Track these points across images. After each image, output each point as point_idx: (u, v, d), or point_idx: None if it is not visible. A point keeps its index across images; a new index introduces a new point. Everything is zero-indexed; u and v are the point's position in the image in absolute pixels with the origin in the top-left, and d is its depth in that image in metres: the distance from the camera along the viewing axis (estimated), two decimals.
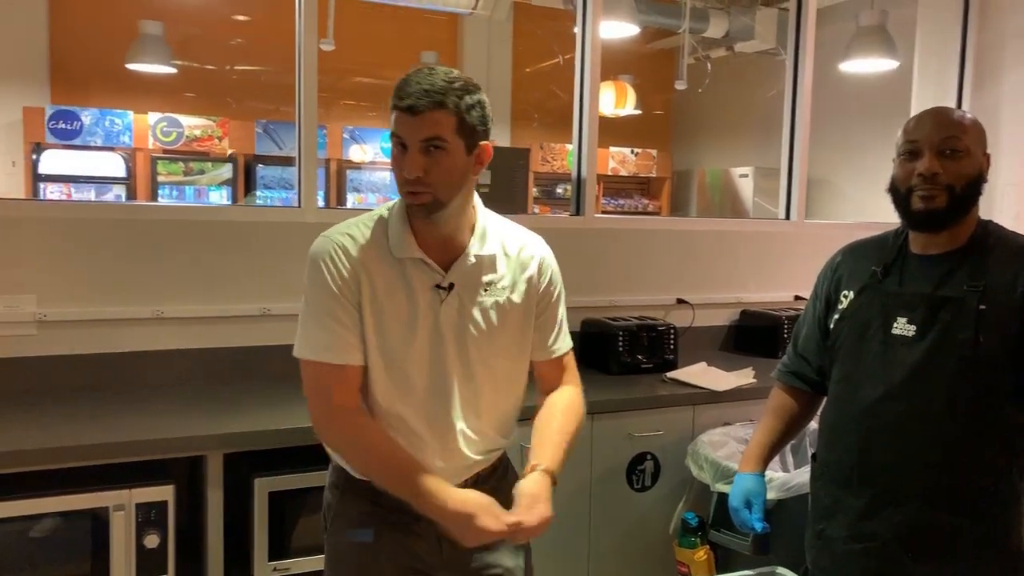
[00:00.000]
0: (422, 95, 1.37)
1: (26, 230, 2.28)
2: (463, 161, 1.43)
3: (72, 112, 5.46)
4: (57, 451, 1.82)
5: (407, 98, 1.38)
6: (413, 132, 1.39)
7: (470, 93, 1.42)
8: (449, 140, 1.39)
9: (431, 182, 1.40)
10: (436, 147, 1.39)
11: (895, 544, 1.56)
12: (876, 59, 4.70)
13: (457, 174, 1.42)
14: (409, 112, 1.37)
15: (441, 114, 1.38)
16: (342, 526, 1.57)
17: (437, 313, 1.48)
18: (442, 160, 1.40)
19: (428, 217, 1.44)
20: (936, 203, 1.55)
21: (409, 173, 1.39)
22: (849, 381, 1.66)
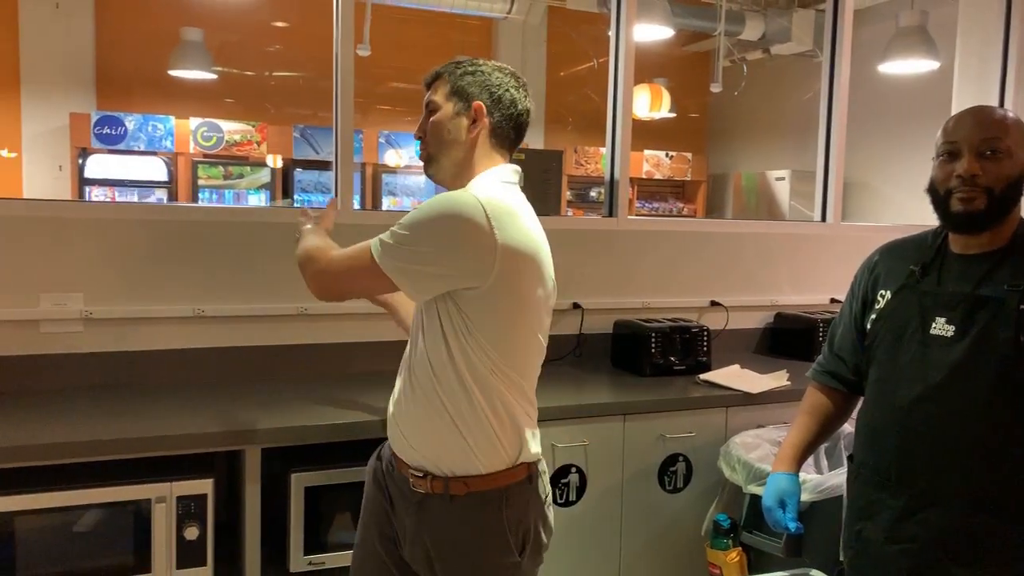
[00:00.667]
0: (432, 74, 1.68)
1: (73, 231, 2.35)
2: (450, 119, 1.62)
3: (116, 118, 5.61)
4: (101, 444, 1.88)
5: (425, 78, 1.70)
6: (423, 103, 1.69)
7: (462, 64, 1.66)
8: (440, 102, 1.64)
9: (426, 140, 1.66)
10: (431, 110, 1.65)
11: (934, 546, 1.54)
12: (916, 60, 4.64)
13: (445, 130, 1.62)
14: (425, 87, 1.69)
15: (439, 83, 1.66)
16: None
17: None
18: (432, 119, 1.64)
19: (431, 173, 1.67)
20: (975, 205, 1.53)
21: (416, 133, 1.69)
22: (887, 381, 1.65)
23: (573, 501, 2.37)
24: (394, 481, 1.66)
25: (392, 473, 1.66)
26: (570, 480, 2.36)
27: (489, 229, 1.44)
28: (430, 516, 1.57)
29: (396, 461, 1.65)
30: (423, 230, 1.48)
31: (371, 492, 1.74)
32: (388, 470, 1.69)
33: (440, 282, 1.49)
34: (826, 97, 3.45)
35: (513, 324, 1.53)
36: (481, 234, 1.44)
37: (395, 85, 6.59)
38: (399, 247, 1.49)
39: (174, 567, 1.98)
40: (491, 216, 1.45)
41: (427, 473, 1.57)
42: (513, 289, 1.50)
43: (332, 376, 2.56)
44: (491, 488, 1.55)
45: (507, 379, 1.54)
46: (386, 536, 1.68)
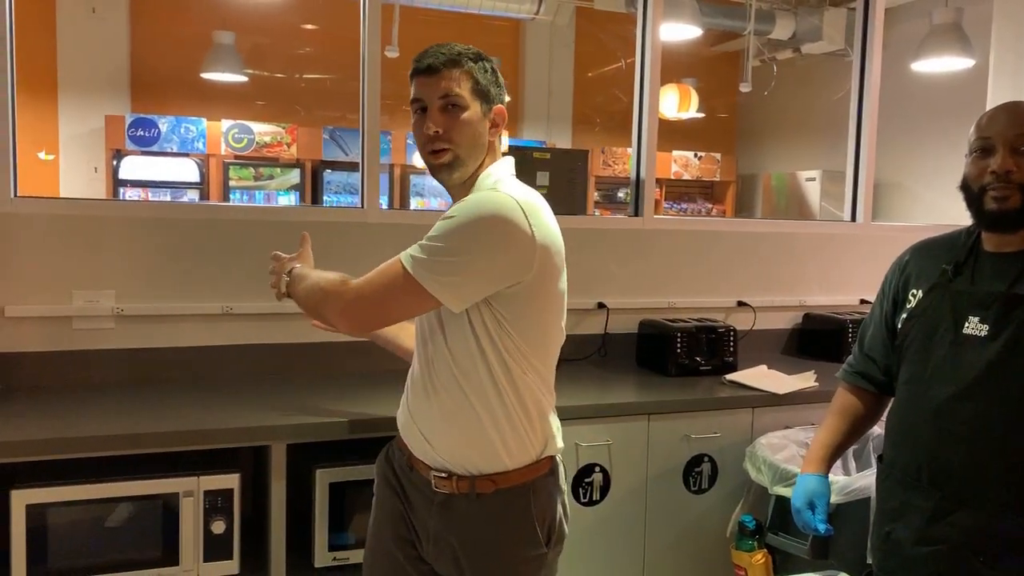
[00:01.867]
0: (439, 56, 1.49)
1: (106, 229, 2.40)
2: (480, 122, 1.51)
3: (150, 120, 5.72)
4: (130, 438, 1.91)
5: (425, 59, 1.49)
6: (432, 91, 1.49)
7: (483, 59, 1.53)
8: (467, 99, 1.49)
9: (452, 139, 1.49)
10: (455, 105, 1.49)
11: (965, 548, 1.51)
12: (951, 58, 4.56)
13: (476, 133, 1.50)
14: (428, 72, 1.49)
15: (457, 72, 1.49)
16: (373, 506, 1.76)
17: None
18: (458, 116, 1.48)
19: (450, 177, 1.52)
20: (1010, 203, 1.51)
21: (428, 129, 1.47)
22: (918, 381, 1.62)
23: (597, 501, 2.37)
24: (412, 482, 1.63)
25: (409, 474, 1.64)
26: (594, 479, 2.35)
27: (528, 228, 1.45)
28: (456, 516, 1.56)
29: (414, 463, 1.62)
30: (465, 238, 1.43)
31: (383, 494, 1.72)
32: (403, 472, 1.66)
33: (485, 288, 1.46)
34: (856, 96, 3.41)
35: (544, 317, 1.54)
36: (523, 234, 1.44)
37: None
38: (437, 260, 1.43)
39: (201, 560, 2.01)
40: (528, 214, 1.45)
41: (451, 473, 1.55)
42: (546, 283, 1.51)
43: (356, 373, 2.57)
44: (518, 484, 1.55)
45: (536, 372, 1.54)
46: (402, 537, 1.65)
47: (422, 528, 1.63)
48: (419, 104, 1.52)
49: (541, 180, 3.07)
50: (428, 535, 1.61)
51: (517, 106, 7.10)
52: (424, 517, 1.61)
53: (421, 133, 1.51)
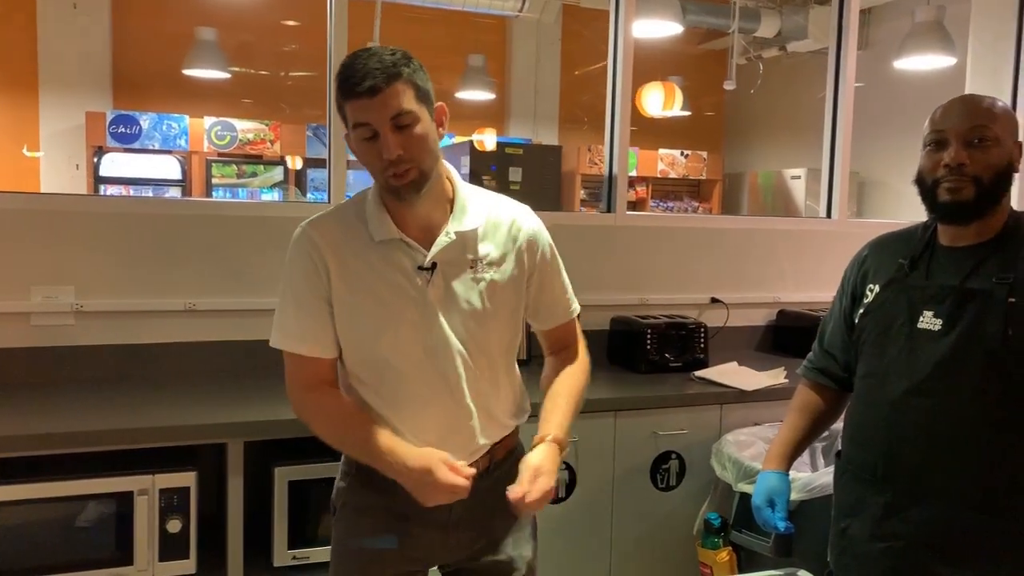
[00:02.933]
0: (377, 74, 1.34)
1: (66, 224, 2.38)
2: (431, 128, 1.42)
3: (132, 117, 5.68)
4: (83, 435, 1.89)
5: (364, 81, 1.34)
6: (381, 113, 1.35)
7: (410, 60, 1.41)
8: (416, 111, 1.38)
9: (412, 156, 1.38)
10: (407, 124, 1.37)
11: (918, 544, 1.51)
12: (932, 55, 4.55)
13: (432, 142, 1.42)
14: (370, 94, 1.34)
15: (399, 86, 1.36)
16: (349, 515, 1.58)
17: (425, 295, 1.46)
18: (412, 132, 1.38)
19: (418, 194, 1.41)
20: (963, 195, 1.50)
21: (389, 154, 1.36)
22: (874, 376, 1.61)
23: (562, 498, 2.35)
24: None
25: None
26: (559, 477, 2.33)
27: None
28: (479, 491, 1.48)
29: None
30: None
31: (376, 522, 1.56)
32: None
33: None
34: (832, 93, 3.40)
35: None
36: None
37: None
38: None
39: (156, 560, 1.99)
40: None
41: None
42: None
43: None
44: (516, 441, 1.65)
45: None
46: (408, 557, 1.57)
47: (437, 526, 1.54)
48: (367, 129, 1.37)
49: (514, 176, 3.06)
50: (448, 525, 1.53)
51: (504, 104, 7.08)
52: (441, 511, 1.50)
53: (377, 158, 1.38)
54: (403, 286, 1.45)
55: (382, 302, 1.46)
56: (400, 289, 1.46)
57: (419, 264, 1.45)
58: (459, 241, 1.48)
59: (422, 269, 1.45)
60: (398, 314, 1.46)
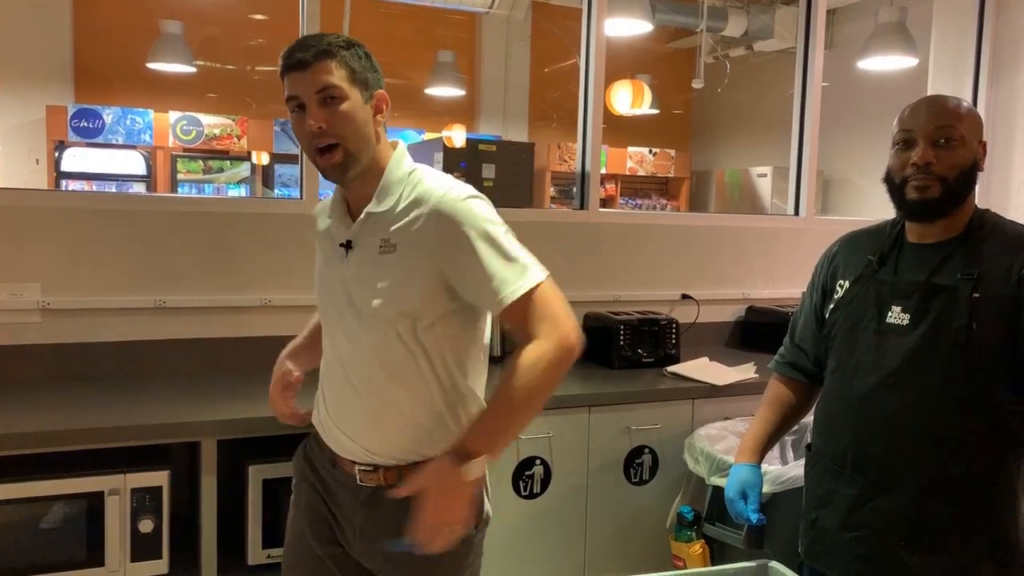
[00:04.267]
0: (308, 48, 1.40)
1: (31, 220, 2.33)
2: (362, 109, 1.44)
3: (94, 111, 5.57)
4: (52, 435, 1.85)
5: (294, 53, 1.40)
6: (307, 86, 1.39)
7: (354, 46, 1.45)
8: (345, 88, 1.40)
9: (338, 133, 1.40)
10: (333, 97, 1.40)
11: (887, 533, 1.54)
12: (895, 56, 4.64)
13: (360, 123, 1.42)
14: (300, 67, 1.39)
15: (331, 63, 1.40)
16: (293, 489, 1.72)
17: (340, 272, 1.51)
18: (338, 108, 1.40)
19: (345, 176, 1.43)
20: (930, 193, 1.54)
21: (311, 126, 1.39)
22: (843, 371, 1.65)
23: (537, 493, 2.36)
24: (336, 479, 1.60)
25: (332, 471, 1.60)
26: (534, 472, 2.35)
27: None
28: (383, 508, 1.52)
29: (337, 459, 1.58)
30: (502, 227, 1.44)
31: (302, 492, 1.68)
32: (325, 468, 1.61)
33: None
34: (799, 92, 3.46)
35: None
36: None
37: None
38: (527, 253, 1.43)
39: (128, 560, 1.96)
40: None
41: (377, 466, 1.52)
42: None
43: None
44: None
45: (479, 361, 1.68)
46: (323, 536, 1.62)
47: (348, 524, 1.59)
48: (295, 102, 1.41)
49: (487, 173, 3.06)
50: (355, 530, 1.58)
51: (474, 101, 7.07)
52: (351, 513, 1.58)
53: (304, 132, 1.41)
54: (332, 259, 1.54)
55: (319, 270, 1.60)
56: (329, 262, 1.55)
57: (340, 241, 1.50)
58: (373, 221, 1.45)
59: (341, 246, 1.50)
60: (326, 284, 1.56)
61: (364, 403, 1.51)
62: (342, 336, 1.51)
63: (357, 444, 1.53)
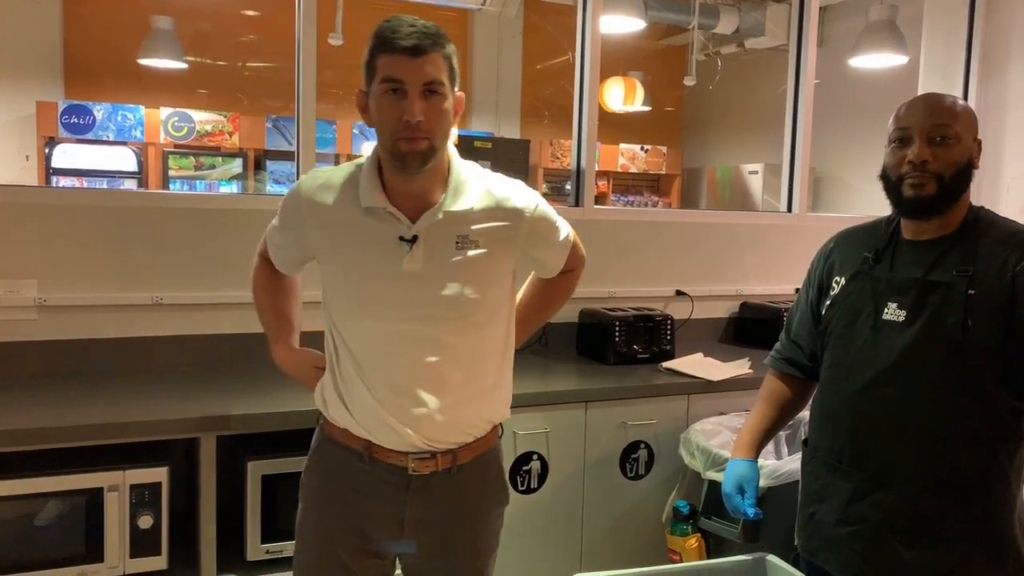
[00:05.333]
0: (423, 36, 1.36)
1: (28, 216, 2.32)
2: (451, 110, 1.44)
3: (85, 107, 5.53)
4: (50, 431, 1.85)
5: (407, 39, 1.35)
6: (415, 74, 1.36)
7: (449, 41, 1.43)
8: (447, 86, 1.40)
9: (431, 128, 1.39)
10: (433, 91, 1.38)
11: (884, 527, 1.56)
12: (886, 54, 4.67)
13: (449, 121, 1.42)
14: (411, 53, 1.35)
15: (439, 56, 1.38)
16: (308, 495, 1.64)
17: (400, 265, 1.45)
18: (439, 105, 1.39)
19: (423, 166, 1.41)
20: (926, 191, 1.55)
21: (413, 116, 1.36)
22: (840, 366, 1.67)
23: (534, 488, 2.37)
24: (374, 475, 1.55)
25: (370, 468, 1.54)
26: (531, 467, 2.36)
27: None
28: (439, 493, 1.55)
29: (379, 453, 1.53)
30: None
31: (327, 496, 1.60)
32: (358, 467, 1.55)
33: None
34: (792, 89, 3.48)
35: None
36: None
37: None
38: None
39: (127, 556, 1.96)
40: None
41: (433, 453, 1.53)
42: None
43: None
44: (491, 446, 1.64)
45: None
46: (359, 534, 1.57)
47: (390, 519, 1.54)
48: (395, 85, 1.37)
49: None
50: (401, 522, 1.54)
51: (466, 97, 7.06)
52: (394, 506, 1.53)
53: (396, 118, 1.37)
54: (380, 253, 1.46)
55: (358, 265, 1.48)
56: (376, 256, 1.46)
57: (401, 235, 1.45)
58: (448, 219, 1.47)
59: (403, 240, 1.45)
60: (370, 280, 1.47)
61: (448, 386, 1.50)
62: (416, 325, 1.48)
63: (420, 435, 1.50)
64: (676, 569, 1.91)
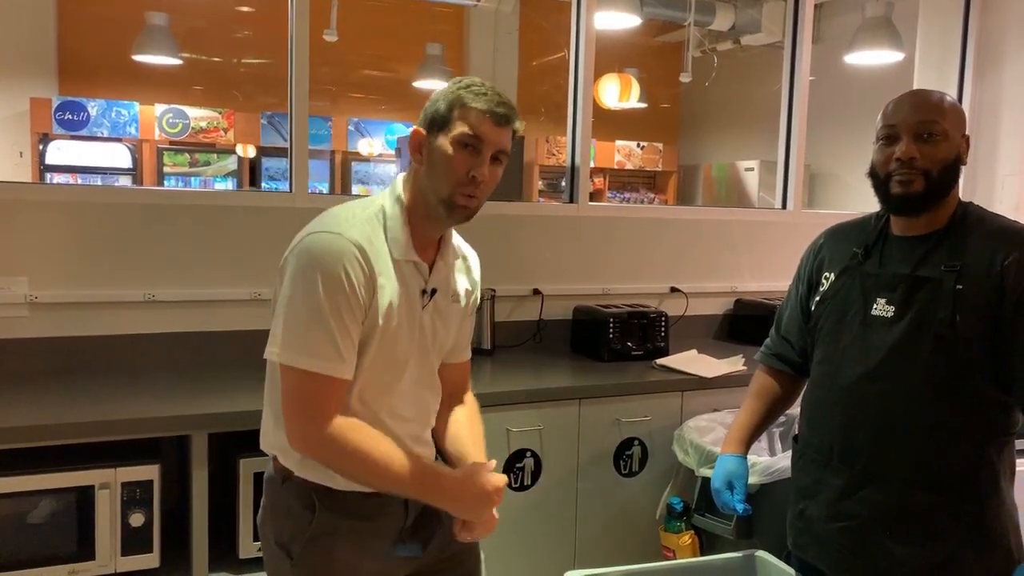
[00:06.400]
0: (509, 108, 1.43)
1: (18, 213, 2.31)
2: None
3: (79, 103, 5.52)
4: (41, 429, 1.84)
5: (500, 107, 1.41)
6: (496, 140, 1.42)
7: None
8: (509, 156, 1.47)
9: (486, 191, 1.45)
10: (499, 160, 1.44)
11: (873, 523, 1.56)
12: (882, 51, 4.67)
13: (494, 188, 1.48)
14: (501, 121, 1.41)
15: (511, 130, 1.45)
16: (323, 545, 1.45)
17: (420, 315, 1.48)
18: (498, 173, 1.46)
19: (464, 222, 1.47)
20: (914, 187, 1.55)
21: (481, 176, 1.41)
22: (829, 362, 1.67)
23: (528, 485, 2.37)
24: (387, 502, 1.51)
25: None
26: (525, 465, 2.36)
27: None
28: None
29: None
30: None
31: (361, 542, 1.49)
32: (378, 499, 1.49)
33: None
34: (787, 86, 3.47)
35: None
36: None
37: (367, 73, 6.54)
38: None
39: (119, 554, 1.96)
40: None
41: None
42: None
43: None
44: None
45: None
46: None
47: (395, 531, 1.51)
48: (475, 140, 1.40)
49: None
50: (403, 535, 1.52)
51: None
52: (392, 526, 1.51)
53: (464, 171, 1.40)
54: (412, 307, 1.47)
55: (400, 319, 1.43)
56: (410, 309, 1.46)
57: (421, 288, 1.48)
58: (447, 271, 1.53)
59: (423, 292, 1.48)
60: (410, 332, 1.46)
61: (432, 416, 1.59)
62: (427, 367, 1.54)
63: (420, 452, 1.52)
64: (669, 566, 1.92)
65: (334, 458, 1.38)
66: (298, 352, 1.35)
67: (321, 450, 1.38)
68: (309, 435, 1.37)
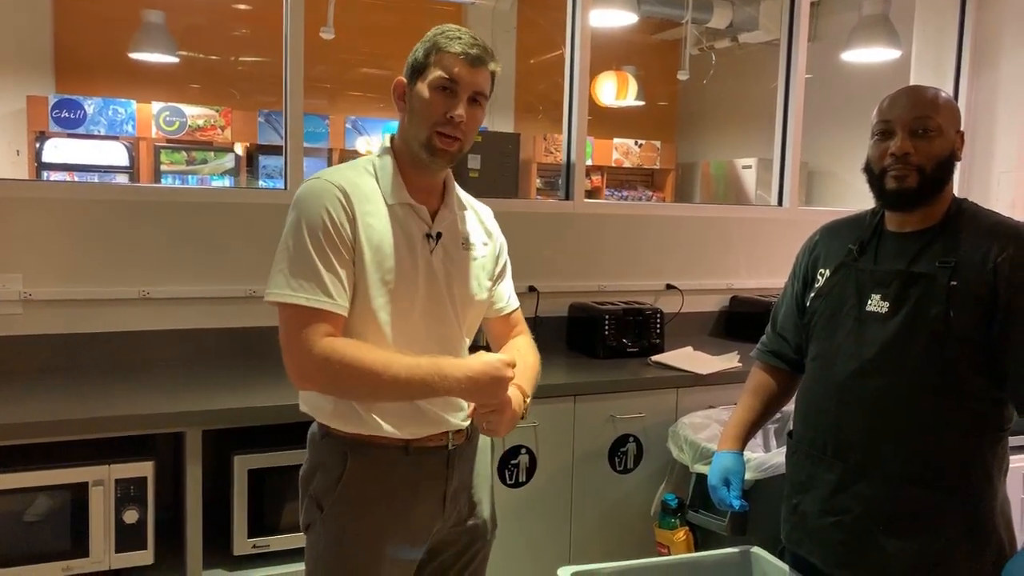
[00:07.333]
0: (483, 50, 1.47)
1: (12, 210, 2.31)
2: (482, 120, 1.54)
3: (76, 101, 5.50)
4: (35, 426, 1.84)
5: (474, 48, 1.45)
6: (471, 81, 1.45)
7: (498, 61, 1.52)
8: (487, 98, 1.50)
9: (466, 132, 1.48)
10: (477, 101, 1.48)
11: (867, 518, 1.57)
12: (879, 48, 4.67)
13: (476, 131, 1.52)
14: (475, 62, 1.45)
15: (488, 71, 1.48)
16: (346, 512, 1.48)
17: (428, 260, 1.51)
18: (477, 114, 1.49)
19: (448, 165, 1.52)
20: (908, 183, 1.56)
21: (459, 116, 1.44)
22: (824, 358, 1.67)
23: (523, 482, 2.38)
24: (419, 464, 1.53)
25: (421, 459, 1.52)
26: (520, 461, 2.36)
27: None
28: (467, 457, 1.62)
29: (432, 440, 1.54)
30: None
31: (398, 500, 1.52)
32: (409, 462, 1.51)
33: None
34: (783, 84, 3.47)
35: None
36: None
37: (364, 71, 6.53)
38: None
39: (113, 551, 1.96)
40: None
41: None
42: None
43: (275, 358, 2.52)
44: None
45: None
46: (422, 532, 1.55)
47: (433, 504, 1.54)
48: (449, 84, 1.44)
49: (473, 163, 3.06)
50: (443, 498, 1.55)
51: None
52: (432, 489, 1.53)
53: (441, 112, 1.44)
54: (413, 249, 1.49)
55: (398, 260, 1.46)
56: (411, 252, 1.49)
57: (425, 232, 1.51)
58: (456, 219, 1.57)
59: (428, 236, 1.51)
60: (406, 277, 1.47)
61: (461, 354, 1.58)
62: (441, 316, 1.53)
63: (457, 418, 1.55)
64: (664, 562, 1.92)
65: (332, 377, 1.37)
66: (286, 288, 1.39)
67: (318, 374, 1.37)
68: (304, 364, 1.37)
